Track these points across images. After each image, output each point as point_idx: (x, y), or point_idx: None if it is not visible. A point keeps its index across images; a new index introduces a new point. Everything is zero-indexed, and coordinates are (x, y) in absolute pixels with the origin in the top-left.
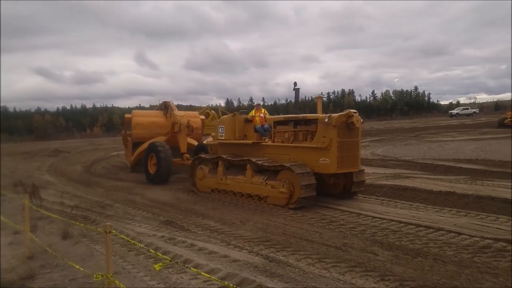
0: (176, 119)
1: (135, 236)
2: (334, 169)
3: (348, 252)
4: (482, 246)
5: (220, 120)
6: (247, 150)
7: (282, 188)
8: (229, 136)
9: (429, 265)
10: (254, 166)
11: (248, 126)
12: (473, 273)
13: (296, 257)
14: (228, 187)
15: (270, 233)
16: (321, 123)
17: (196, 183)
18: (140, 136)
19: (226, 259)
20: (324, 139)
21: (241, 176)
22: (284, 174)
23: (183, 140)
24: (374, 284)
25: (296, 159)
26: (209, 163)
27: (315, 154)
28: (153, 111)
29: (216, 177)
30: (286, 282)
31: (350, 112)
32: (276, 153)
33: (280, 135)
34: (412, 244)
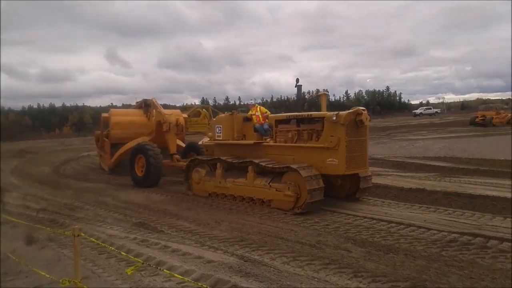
0: (165, 118)
1: (106, 238)
2: (343, 170)
3: (322, 250)
4: (449, 240)
5: (217, 119)
6: (247, 151)
7: (288, 191)
8: (227, 136)
9: (400, 260)
10: (256, 168)
11: (247, 126)
12: (441, 267)
13: (271, 256)
14: (227, 190)
15: (245, 232)
16: (328, 121)
17: (192, 186)
18: (119, 137)
19: (201, 260)
20: (331, 138)
21: (242, 179)
22: (290, 176)
23: (173, 140)
24: (347, 280)
25: (301, 160)
26: (206, 165)
27: (321, 154)
28: (132, 110)
29: (215, 180)
30: (261, 281)
31: (359, 109)
32: (279, 153)
33: (283, 135)
34: (384, 240)
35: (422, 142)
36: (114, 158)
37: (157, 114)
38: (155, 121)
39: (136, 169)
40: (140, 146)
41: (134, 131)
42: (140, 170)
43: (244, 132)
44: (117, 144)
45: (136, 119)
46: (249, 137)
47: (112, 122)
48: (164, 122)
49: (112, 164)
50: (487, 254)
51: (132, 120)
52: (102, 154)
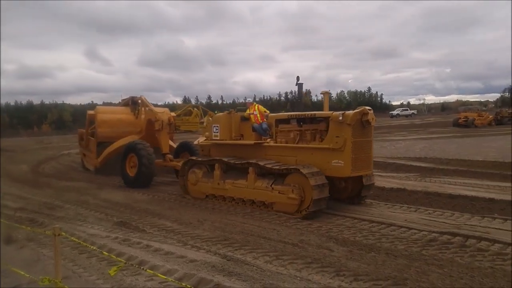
0: (157, 116)
1: (87, 238)
2: (349, 172)
3: (305, 249)
4: (429, 240)
5: (214, 118)
6: (246, 151)
7: (292, 194)
8: (225, 136)
9: (381, 259)
10: (257, 169)
11: (245, 125)
12: (421, 266)
13: (254, 255)
14: (226, 192)
15: (228, 232)
16: (334, 121)
17: (188, 188)
18: (106, 135)
19: (183, 260)
20: (337, 139)
21: (242, 181)
22: (293, 178)
23: (165, 139)
24: (330, 279)
25: (304, 161)
26: (203, 166)
27: (326, 156)
28: (119, 108)
29: (212, 181)
30: (244, 280)
31: (365, 109)
32: (280, 154)
33: (283, 135)
34: (365, 239)
35: (403, 143)
36: (102, 158)
37: (147, 112)
38: (145, 119)
39: (128, 168)
40: (132, 145)
41: (122, 130)
42: (132, 170)
43: (242, 132)
44: (103, 143)
45: (124, 117)
46: (247, 137)
47: (98, 120)
48: (156, 121)
49: (98, 163)
50: (466, 253)
51: (119, 118)
52: (86, 153)
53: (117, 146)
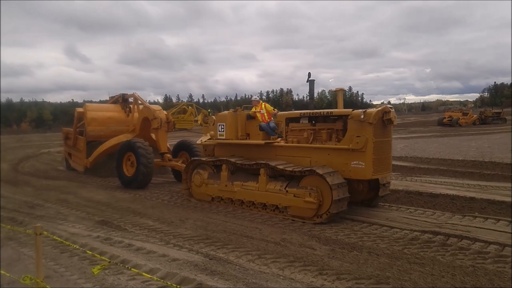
0: (156, 114)
1: (69, 237)
2: (370, 174)
3: (287, 247)
4: (411, 238)
5: (219, 116)
6: (255, 152)
7: (309, 198)
8: (231, 135)
9: (364, 258)
10: (269, 170)
11: (251, 124)
12: (403, 264)
13: (237, 254)
14: (235, 195)
15: (210, 230)
16: (354, 120)
17: (192, 190)
18: (96, 134)
19: (165, 259)
20: (358, 139)
21: (253, 183)
22: (309, 180)
23: (163, 138)
24: (312, 278)
25: (319, 162)
26: (208, 166)
27: (345, 157)
28: (109, 105)
29: (219, 183)
30: (227, 279)
31: (387, 107)
32: (292, 155)
33: (295, 134)
34: (348, 238)
35: None
36: (92, 157)
37: (143, 110)
38: (140, 117)
39: (125, 168)
40: (130, 143)
41: (113, 128)
42: (129, 170)
43: (248, 131)
44: (91, 142)
45: (114, 115)
46: (253, 136)
47: (88, 117)
48: (154, 119)
49: (89, 163)
50: (447, 251)
51: (110, 116)
52: (74, 153)
53: (109, 145)
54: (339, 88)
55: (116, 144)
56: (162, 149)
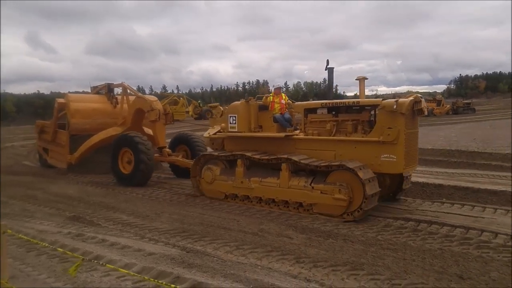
0: (153, 105)
1: (36, 234)
2: (401, 168)
3: (265, 238)
4: (384, 225)
5: (231, 107)
6: (271, 145)
7: (339, 194)
8: (243, 128)
9: (339, 245)
10: (291, 166)
11: (264, 115)
12: (377, 250)
13: (214, 246)
14: (252, 192)
15: (186, 223)
16: (386, 110)
17: (201, 187)
18: (81, 127)
19: (141, 253)
20: (389, 130)
21: (273, 179)
22: (338, 176)
23: (162, 131)
24: (290, 267)
25: (345, 156)
26: (220, 162)
27: (374, 150)
28: (94, 96)
29: (234, 179)
30: (205, 271)
31: (417, 96)
32: (314, 148)
33: (315, 126)
34: (323, 226)
35: None
36: (79, 153)
37: (136, 101)
38: (133, 108)
39: (121, 165)
40: (127, 138)
41: (99, 121)
42: (126, 167)
43: (261, 123)
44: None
45: (100, 106)
46: (266, 128)
47: (71, 109)
48: (151, 110)
49: (75, 159)
50: (418, 236)
51: (95, 107)
52: (52, 147)
53: (97, 139)
54: (361, 76)
55: (105, 138)
56: (160, 143)
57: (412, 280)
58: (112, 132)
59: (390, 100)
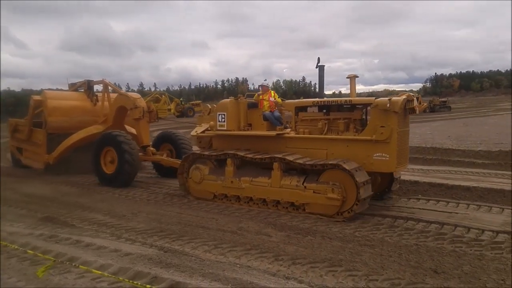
0: (137, 103)
1: (6, 237)
2: (394, 166)
3: (244, 236)
4: (361, 222)
5: (220, 105)
6: (261, 144)
7: (332, 194)
8: (233, 126)
9: (317, 242)
10: (283, 165)
11: (253, 113)
12: (354, 247)
13: (192, 245)
14: (243, 192)
15: (164, 223)
16: (379, 109)
17: (189, 187)
18: (59, 126)
19: (117, 253)
20: (382, 129)
21: (264, 178)
22: (331, 175)
23: (146, 129)
24: (268, 265)
25: (337, 155)
26: (209, 161)
27: (366, 149)
28: (72, 93)
29: (223, 179)
30: (183, 271)
31: (410, 95)
32: (305, 147)
33: (306, 125)
34: (302, 223)
35: None
36: (58, 153)
37: (119, 99)
38: (115, 106)
39: (103, 165)
40: (110, 136)
41: (78, 119)
42: (109, 167)
43: (250, 121)
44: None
45: (79, 104)
46: (256, 126)
47: (49, 107)
48: (135, 108)
49: (53, 159)
50: (394, 232)
51: (74, 105)
52: (27, 147)
53: (77, 138)
54: (352, 74)
55: (86, 137)
56: (144, 142)
57: (388, 276)
58: (93, 130)
59: (383, 98)
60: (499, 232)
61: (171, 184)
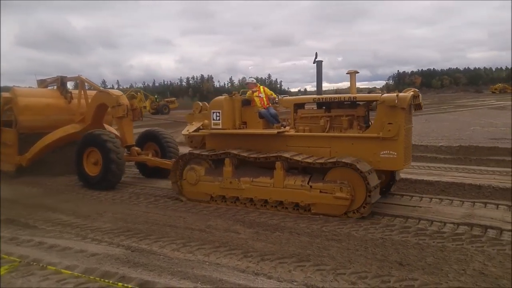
0: (120, 100)
1: None
2: (401, 164)
3: (212, 234)
4: (328, 217)
5: (214, 102)
6: (260, 143)
7: (340, 193)
8: (228, 124)
9: (286, 238)
10: (286, 164)
11: (247, 110)
12: (322, 241)
13: (160, 244)
14: (243, 193)
15: (131, 222)
16: (386, 105)
17: (183, 189)
18: (31, 125)
19: (83, 254)
20: (390, 126)
21: (265, 178)
22: (337, 174)
23: (129, 128)
24: (237, 261)
25: (341, 153)
26: (204, 161)
27: (373, 146)
28: (43, 90)
29: (221, 180)
30: (151, 270)
31: (416, 91)
32: (307, 145)
33: (306, 122)
34: (270, 220)
35: None
36: (32, 154)
37: (99, 96)
38: (94, 104)
39: (86, 166)
40: (93, 136)
41: (52, 118)
42: (92, 168)
43: (244, 119)
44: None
45: (52, 101)
46: (251, 124)
47: (19, 105)
48: (118, 106)
49: (26, 161)
50: (360, 227)
51: (47, 103)
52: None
53: (53, 138)
54: (352, 70)
55: (64, 137)
56: (128, 142)
57: (355, 269)
58: (71, 129)
59: (390, 94)
60: (460, 224)
61: (138, 183)
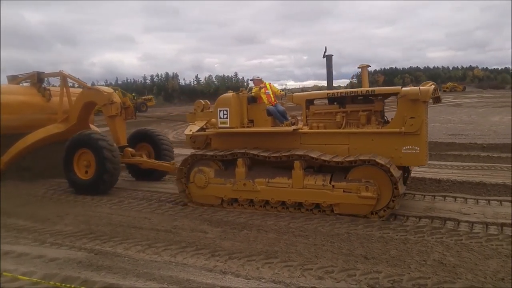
0: (113, 98)
1: None
2: (424, 159)
3: (179, 234)
4: (295, 213)
5: (221, 100)
6: (271, 141)
7: (366, 192)
8: (236, 123)
9: (253, 236)
10: (304, 163)
11: (254, 108)
12: (289, 238)
13: (125, 246)
14: (258, 195)
15: (94, 224)
16: (407, 99)
17: (191, 193)
18: (5, 124)
19: (42, 259)
20: (413, 120)
21: (283, 179)
22: (360, 172)
23: (122, 128)
24: (205, 261)
25: (360, 149)
26: (213, 162)
27: (394, 142)
28: (18, 87)
29: (234, 182)
30: (115, 272)
31: (435, 84)
32: (323, 143)
33: (320, 119)
34: (238, 218)
35: None
36: (9, 157)
37: (87, 93)
38: (80, 102)
39: (77, 170)
40: (85, 137)
41: (30, 117)
42: (84, 171)
43: (251, 117)
44: None
45: (29, 99)
46: (258, 122)
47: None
48: (112, 104)
49: (3, 164)
50: (326, 222)
51: (24, 101)
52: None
53: (34, 139)
54: (364, 64)
55: (46, 138)
56: (122, 142)
57: (322, 264)
58: (54, 130)
59: (413, 87)
60: (421, 217)
61: None
